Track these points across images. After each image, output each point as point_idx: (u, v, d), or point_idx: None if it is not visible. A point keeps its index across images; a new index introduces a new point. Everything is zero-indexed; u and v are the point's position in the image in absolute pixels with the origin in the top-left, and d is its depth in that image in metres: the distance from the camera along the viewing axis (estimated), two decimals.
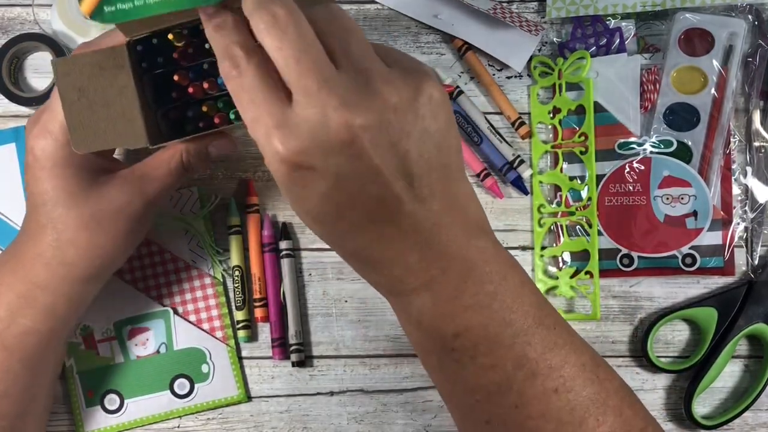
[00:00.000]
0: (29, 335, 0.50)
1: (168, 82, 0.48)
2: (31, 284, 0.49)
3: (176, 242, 0.60)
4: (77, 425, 0.59)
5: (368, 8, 0.62)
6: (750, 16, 0.59)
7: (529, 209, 0.61)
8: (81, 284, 0.51)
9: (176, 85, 0.48)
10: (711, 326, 0.58)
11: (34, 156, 0.48)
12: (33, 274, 0.49)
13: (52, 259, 0.49)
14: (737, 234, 0.59)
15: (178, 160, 0.50)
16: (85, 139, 0.47)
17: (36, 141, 0.48)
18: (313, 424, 0.60)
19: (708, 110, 0.59)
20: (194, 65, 0.48)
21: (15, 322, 0.50)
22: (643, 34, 0.61)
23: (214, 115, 0.49)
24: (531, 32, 0.60)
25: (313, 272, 0.61)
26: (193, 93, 0.48)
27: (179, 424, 0.60)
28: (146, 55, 0.47)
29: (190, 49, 0.48)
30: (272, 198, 0.61)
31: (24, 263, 0.50)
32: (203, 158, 0.51)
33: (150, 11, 0.41)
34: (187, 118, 0.49)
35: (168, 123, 0.49)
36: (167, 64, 0.48)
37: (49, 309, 0.50)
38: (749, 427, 0.60)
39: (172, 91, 0.48)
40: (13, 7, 0.63)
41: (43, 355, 0.52)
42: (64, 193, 0.48)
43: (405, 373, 0.60)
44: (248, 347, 0.61)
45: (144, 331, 0.60)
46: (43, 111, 0.49)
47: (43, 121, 0.48)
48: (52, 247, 0.49)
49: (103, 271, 0.52)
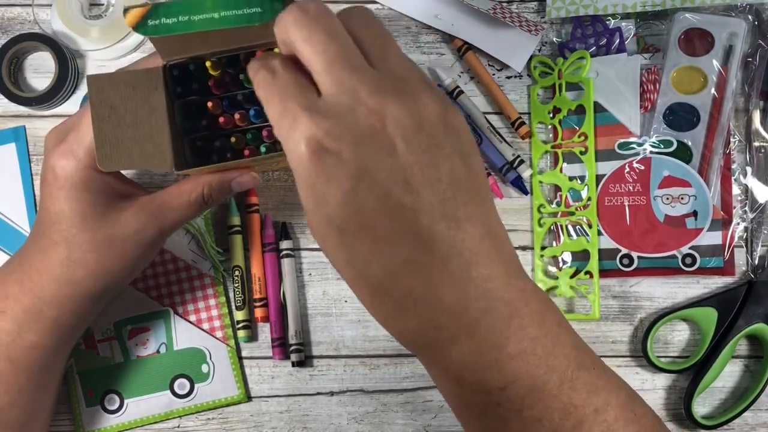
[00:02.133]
0: (35, 349, 0.50)
1: (199, 110, 0.48)
2: (38, 299, 0.49)
3: (176, 242, 0.60)
4: (77, 425, 0.59)
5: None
6: (750, 16, 0.59)
7: (529, 209, 0.61)
8: (87, 302, 0.51)
9: (207, 113, 0.48)
10: (711, 326, 0.58)
11: (54, 175, 0.48)
12: (39, 288, 0.49)
13: (61, 276, 0.49)
14: (737, 234, 0.59)
15: (199, 193, 0.50)
16: (110, 157, 0.47)
17: (58, 160, 0.48)
18: (313, 424, 0.60)
19: (708, 110, 0.59)
20: (228, 95, 0.48)
21: (21, 336, 0.50)
22: (643, 34, 0.61)
23: (242, 148, 0.49)
24: (531, 32, 0.60)
25: (313, 272, 0.61)
26: (223, 123, 0.48)
27: (179, 424, 0.60)
28: (181, 81, 0.47)
29: (226, 79, 0.48)
30: (272, 198, 0.61)
31: (31, 276, 0.49)
32: (224, 193, 0.51)
33: (193, 28, 0.42)
34: (214, 148, 0.49)
35: (194, 151, 0.49)
36: (201, 92, 0.48)
37: (55, 324, 0.50)
38: (749, 427, 0.60)
39: (202, 119, 0.48)
40: (13, 7, 0.63)
41: (48, 367, 0.52)
42: (79, 215, 0.48)
43: (405, 373, 0.60)
44: (248, 347, 0.61)
45: (144, 331, 0.60)
46: (69, 129, 0.49)
47: (69, 141, 0.48)
48: (62, 265, 0.49)
49: (110, 291, 0.52)
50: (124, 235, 0.49)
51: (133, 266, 0.51)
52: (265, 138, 0.49)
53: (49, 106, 0.61)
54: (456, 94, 0.61)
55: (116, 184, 0.50)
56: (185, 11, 0.42)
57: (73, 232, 0.48)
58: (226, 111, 0.48)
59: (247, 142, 0.49)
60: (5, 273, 0.51)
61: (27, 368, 0.51)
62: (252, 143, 0.49)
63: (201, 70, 0.47)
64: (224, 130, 0.49)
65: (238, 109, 0.48)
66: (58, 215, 0.48)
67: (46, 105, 0.61)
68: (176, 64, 0.47)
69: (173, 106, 0.47)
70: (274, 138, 0.49)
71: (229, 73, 0.48)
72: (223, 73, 0.47)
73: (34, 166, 0.61)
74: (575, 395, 0.38)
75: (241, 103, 0.48)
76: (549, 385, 0.37)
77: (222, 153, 0.49)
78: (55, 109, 0.62)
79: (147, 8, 0.42)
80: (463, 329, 0.36)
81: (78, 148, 0.47)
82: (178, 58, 0.47)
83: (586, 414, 0.38)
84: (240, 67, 0.47)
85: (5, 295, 0.50)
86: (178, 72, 0.47)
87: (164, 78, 0.46)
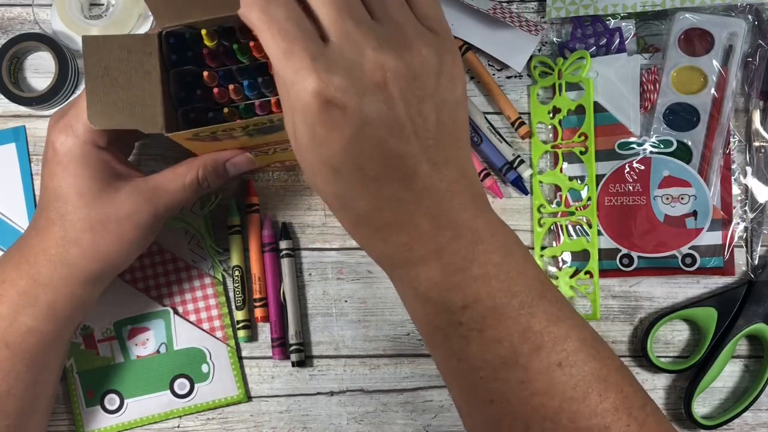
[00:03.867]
0: (31, 334, 0.50)
1: (194, 80, 0.49)
2: (33, 281, 0.50)
3: (176, 242, 0.60)
4: (77, 425, 0.59)
5: None
6: (750, 16, 0.59)
7: (529, 209, 0.61)
8: (82, 285, 0.51)
9: (201, 84, 0.49)
10: (711, 326, 0.58)
11: (54, 150, 0.49)
12: (35, 270, 0.50)
13: (56, 257, 0.49)
14: (737, 234, 0.59)
15: (194, 176, 0.50)
16: (102, 116, 0.47)
17: (57, 135, 0.48)
18: (313, 424, 0.60)
19: (708, 110, 0.59)
20: (224, 68, 0.48)
21: (17, 320, 0.50)
22: (643, 34, 0.61)
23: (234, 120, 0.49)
24: (531, 32, 0.60)
25: (313, 272, 0.61)
26: (217, 94, 0.48)
27: (179, 424, 0.60)
28: (177, 49, 0.48)
29: (221, 50, 0.48)
30: (272, 198, 0.61)
31: (28, 258, 0.50)
32: (219, 176, 0.51)
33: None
34: (208, 119, 0.49)
35: (187, 122, 0.49)
36: (196, 61, 0.48)
37: (51, 309, 0.50)
38: (749, 427, 0.60)
39: (197, 90, 0.49)
40: (13, 7, 0.63)
41: (45, 354, 0.52)
42: (76, 192, 0.49)
43: (405, 373, 0.60)
44: (248, 347, 0.61)
45: (144, 331, 0.60)
46: (69, 107, 0.50)
47: (68, 117, 0.49)
48: (57, 244, 0.49)
49: (104, 274, 0.52)
50: (119, 215, 0.49)
51: (128, 249, 0.51)
52: (257, 110, 0.49)
53: (49, 106, 0.61)
54: None
55: (113, 162, 0.50)
56: None
57: (69, 209, 0.49)
58: (221, 83, 0.49)
59: (240, 114, 0.49)
60: (6, 257, 0.52)
61: (24, 354, 0.50)
62: (245, 116, 0.49)
63: (196, 39, 0.47)
64: (218, 103, 0.49)
65: (232, 81, 0.48)
66: (56, 191, 0.49)
67: (46, 105, 0.61)
68: (172, 32, 0.47)
69: (168, 75, 0.48)
70: (267, 109, 0.49)
71: (224, 45, 0.48)
72: (218, 44, 0.47)
73: (34, 166, 0.61)
74: (534, 321, 0.40)
75: (235, 76, 0.48)
76: (508, 308, 0.40)
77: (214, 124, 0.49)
78: (55, 109, 0.62)
79: None
80: (432, 252, 0.40)
81: (77, 123, 0.48)
82: (174, 26, 0.47)
83: (545, 341, 0.40)
84: (235, 38, 0.47)
85: (2, 279, 0.50)
86: (174, 40, 0.47)
87: (159, 44, 0.47)
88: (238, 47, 0.47)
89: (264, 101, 0.49)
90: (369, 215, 0.40)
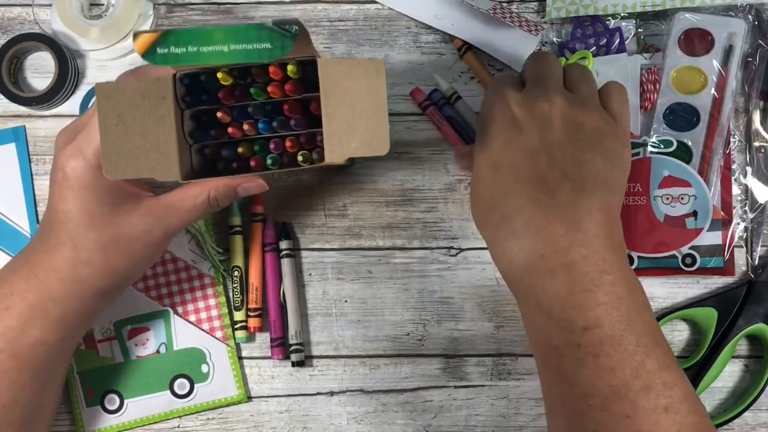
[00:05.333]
0: (39, 346, 0.50)
1: (208, 119, 0.48)
2: (43, 295, 0.50)
3: (176, 242, 0.60)
4: (77, 425, 0.59)
5: (368, 8, 0.62)
6: (750, 16, 0.59)
7: None
8: (93, 300, 0.51)
9: (216, 122, 0.48)
10: (711, 326, 0.58)
11: (64, 174, 0.48)
12: (45, 286, 0.49)
13: (67, 275, 0.49)
14: (737, 234, 0.59)
15: (205, 197, 0.50)
16: (117, 166, 0.46)
17: (68, 160, 0.48)
18: (312, 424, 0.60)
19: (708, 110, 0.59)
20: (238, 106, 0.48)
21: (26, 332, 0.50)
22: (643, 34, 0.61)
23: (249, 157, 0.49)
24: (531, 32, 0.60)
25: (313, 272, 0.61)
26: (232, 133, 0.48)
27: (179, 424, 0.60)
28: (191, 90, 0.47)
29: (236, 91, 0.48)
30: (273, 198, 0.61)
31: (38, 274, 0.50)
32: (230, 198, 0.51)
33: (202, 60, 0.43)
34: (221, 157, 0.49)
35: (201, 159, 0.49)
36: (211, 103, 0.48)
37: (60, 321, 0.50)
38: (749, 427, 0.60)
39: (211, 129, 0.48)
40: (13, 7, 0.63)
41: (51, 365, 0.52)
42: (86, 215, 0.48)
43: (405, 373, 0.60)
44: (248, 347, 0.61)
45: (144, 331, 0.60)
46: (78, 130, 0.49)
47: (78, 141, 0.48)
48: (69, 264, 0.49)
49: (115, 289, 0.52)
50: (131, 236, 0.49)
51: (138, 266, 0.52)
52: (272, 149, 0.49)
53: (49, 106, 0.61)
54: (454, 100, 0.61)
55: (123, 184, 0.50)
56: (195, 41, 0.43)
57: (81, 231, 0.49)
58: (235, 121, 0.48)
59: (255, 152, 0.49)
60: (12, 270, 0.51)
61: (31, 365, 0.51)
62: (259, 154, 0.49)
63: (211, 80, 0.47)
64: (233, 140, 0.49)
65: (247, 119, 0.48)
66: (66, 215, 0.49)
67: (46, 105, 0.61)
68: (187, 74, 0.47)
69: (182, 115, 0.47)
70: (281, 149, 0.49)
71: (240, 85, 0.47)
72: (233, 84, 0.47)
73: (34, 166, 0.61)
74: (648, 361, 0.42)
75: (250, 114, 0.48)
76: (626, 342, 0.42)
77: (229, 162, 0.49)
78: (55, 109, 0.62)
79: (157, 35, 0.42)
80: (563, 266, 0.43)
81: (87, 149, 0.48)
82: (189, 68, 0.47)
83: (655, 382, 0.41)
84: (250, 79, 0.47)
85: (10, 291, 0.50)
86: (189, 81, 0.47)
87: (174, 87, 0.46)
88: (255, 90, 0.47)
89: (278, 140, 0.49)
90: (512, 213, 0.45)
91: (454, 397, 0.60)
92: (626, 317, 0.42)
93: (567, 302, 0.42)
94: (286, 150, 0.49)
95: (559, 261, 0.43)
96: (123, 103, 0.46)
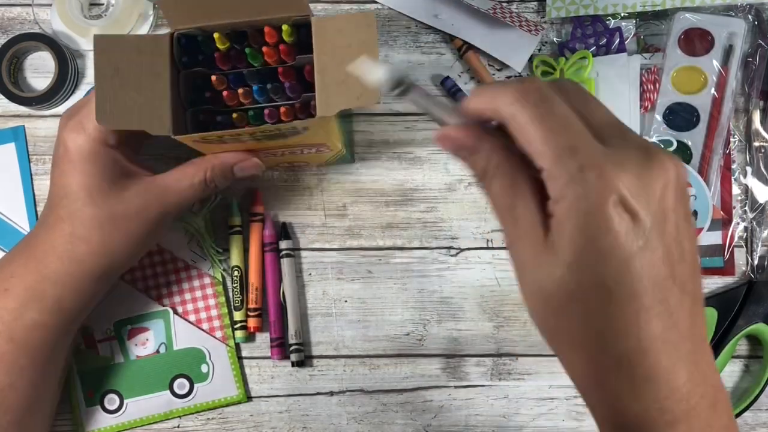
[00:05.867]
0: (37, 329, 0.51)
1: (204, 83, 0.49)
2: (41, 276, 0.50)
3: (176, 242, 0.60)
4: (77, 425, 0.59)
5: (368, 8, 0.62)
6: (750, 16, 0.59)
7: None
8: (89, 281, 0.51)
9: (211, 86, 0.49)
10: (711, 326, 0.58)
11: (65, 148, 0.49)
12: (43, 265, 0.50)
13: (64, 253, 0.50)
14: (737, 234, 0.59)
15: (201, 176, 0.51)
16: (110, 115, 0.47)
17: (69, 134, 0.49)
18: (312, 424, 0.60)
19: (708, 110, 0.59)
20: (234, 71, 0.48)
21: (23, 315, 0.50)
22: (643, 34, 0.61)
23: (243, 125, 0.49)
24: (531, 32, 0.60)
25: (313, 272, 0.61)
26: (227, 97, 0.48)
27: (179, 424, 0.60)
28: (188, 50, 0.48)
29: (232, 53, 0.48)
30: (273, 198, 0.61)
31: (36, 254, 0.50)
32: (227, 177, 0.51)
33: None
34: (216, 123, 0.49)
35: (195, 124, 0.49)
36: (207, 64, 0.48)
37: (57, 303, 0.51)
38: (749, 427, 0.60)
39: (206, 92, 0.49)
40: (13, 7, 0.63)
41: (49, 349, 0.52)
42: (85, 190, 0.49)
43: (405, 373, 0.60)
44: (248, 347, 0.60)
45: (144, 331, 0.60)
46: (81, 105, 0.50)
47: (80, 116, 0.49)
48: (66, 241, 0.49)
49: (112, 271, 0.52)
50: (128, 213, 0.50)
51: (136, 246, 0.52)
52: (266, 117, 0.49)
53: (49, 106, 0.61)
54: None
55: (123, 161, 0.51)
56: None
57: (78, 206, 0.49)
58: (230, 86, 0.49)
59: (249, 120, 0.49)
60: (14, 252, 0.52)
61: (29, 349, 0.51)
62: (253, 121, 0.49)
63: (208, 41, 0.47)
64: (228, 107, 0.49)
65: (242, 84, 0.48)
66: (65, 188, 0.49)
67: (46, 105, 0.61)
68: (184, 34, 0.47)
69: (178, 75, 0.48)
70: (276, 118, 0.49)
71: (236, 48, 0.48)
72: (229, 47, 0.48)
73: (34, 166, 0.61)
74: None
75: (245, 79, 0.48)
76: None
77: (223, 128, 0.49)
78: (55, 109, 0.62)
79: None
80: (683, 414, 0.33)
81: (88, 122, 0.49)
82: (187, 28, 0.47)
83: None
84: (246, 42, 0.47)
85: (11, 273, 0.51)
86: (186, 41, 0.48)
87: (171, 46, 0.47)
88: (250, 51, 0.47)
89: (272, 109, 0.49)
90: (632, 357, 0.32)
91: (454, 397, 0.60)
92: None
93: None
94: (281, 119, 0.49)
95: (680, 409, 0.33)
96: (120, 56, 0.47)
